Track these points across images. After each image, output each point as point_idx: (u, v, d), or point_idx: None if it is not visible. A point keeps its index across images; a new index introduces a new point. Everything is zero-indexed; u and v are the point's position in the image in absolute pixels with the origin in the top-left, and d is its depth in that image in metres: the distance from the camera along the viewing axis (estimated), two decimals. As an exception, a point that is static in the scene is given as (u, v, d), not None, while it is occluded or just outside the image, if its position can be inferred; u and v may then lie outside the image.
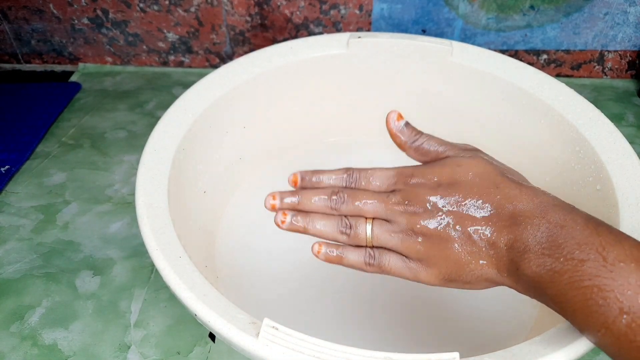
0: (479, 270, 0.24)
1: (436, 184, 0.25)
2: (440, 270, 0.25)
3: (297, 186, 0.29)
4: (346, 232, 0.27)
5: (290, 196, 0.28)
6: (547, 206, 0.23)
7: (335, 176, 0.28)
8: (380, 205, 0.26)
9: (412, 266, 0.26)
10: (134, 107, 0.58)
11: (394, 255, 0.26)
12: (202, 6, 0.58)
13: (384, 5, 0.56)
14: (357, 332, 0.35)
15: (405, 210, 0.26)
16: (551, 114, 0.37)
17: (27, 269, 0.41)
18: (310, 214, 0.27)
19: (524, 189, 0.24)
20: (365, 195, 0.27)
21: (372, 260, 0.26)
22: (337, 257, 0.27)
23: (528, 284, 0.23)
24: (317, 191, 0.28)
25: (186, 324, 0.37)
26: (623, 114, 0.55)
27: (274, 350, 0.22)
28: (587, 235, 0.21)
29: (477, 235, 0.24)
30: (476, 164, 0.25)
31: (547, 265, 0.21)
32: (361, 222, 0.27)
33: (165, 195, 0.31)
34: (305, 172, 0.29)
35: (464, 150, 0.27)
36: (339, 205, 0.27)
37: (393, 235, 0.26)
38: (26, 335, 0.36)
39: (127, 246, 0.42)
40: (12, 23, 0.61)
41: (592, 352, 0.35)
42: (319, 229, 0.27)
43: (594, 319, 0.20)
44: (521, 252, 0.23)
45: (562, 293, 0.21)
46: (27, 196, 0.47)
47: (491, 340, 0.34)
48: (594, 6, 0.55)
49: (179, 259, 0.27)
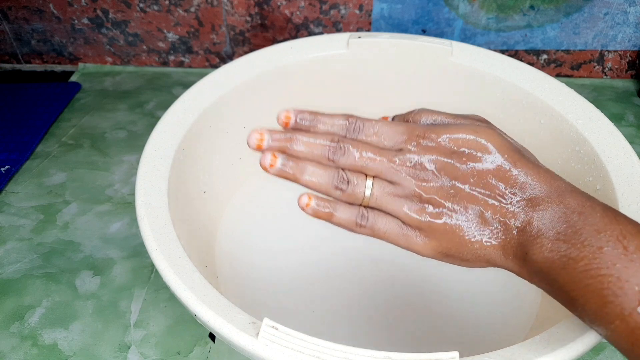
0: (481, 250, 0.23)
1: (449, 151, 0.23)
2: (440, 243, 0.23)
3: (288, 127, 0.25)
4: (342, 187, 0.24)
5: (281, 135, 0.24)
6: (565, 191, 0.22)
7: (334, 121, 0.24)
8: (387, 165, 0.23)
9: (409, 234, 0.24)
10: (134, 107, 0.58)
11: (390, 219, 0.24)
12: (202, 6, 0.58)
13: (384, 5, 0.56)
14: (357, 332, 0.35)
15: (413, 174, 0.23)
16: (551, 113, 0.37)
17: (27, 269, 0.41)
18: (303, 161, 0.24)
19: (542, 172, 0.23)
20: (370, 150, 0.24)
21: (364, 221, 0.24)
22: (326, 214, 0.24)
23: (535, 270, 0.22)
24: (313, 135, 0.24)
25: (186, 324, 0.37)
26: (623, 114, 0.55)
27: (273, 350, 0.22)
28: (607, 222, 0.20)
29: (489, 214, 0.22)
30: (493, 138, 0.23)
31: (562, 251, 0.21)
32: (361, 178, 0.24)
33: (165, 195, 0.31)
34: (301, 111, 0.25)
35: (477, 120, 0.25)
36: (338, 157, 0.24)
37: (395, 199, 0.24)
38: (26, 336, 0.36)
39: (127, 246, 0.42)
40: (12, 23, 0.61)
41: (592, 352, 0.35)
42: (311, 180, 0.24)
43: (608, 309, 0.19)
44: (533, 237, 0.21)
45: (576, 281, 0.20)
46: (27, 196, 0.47)
47: (491, 339, 0.34)
48: (594, 6, 0.54)
49: (179, 259, 0.27)
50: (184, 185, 0.35)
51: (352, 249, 0.40)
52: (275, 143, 0.24)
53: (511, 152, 0.23)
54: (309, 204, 0.24)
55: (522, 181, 0.22)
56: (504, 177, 0.23)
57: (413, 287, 0.37)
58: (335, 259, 0.39)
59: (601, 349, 0.35)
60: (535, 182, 0.22)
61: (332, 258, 0.39)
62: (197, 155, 0.37)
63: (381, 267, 0.39)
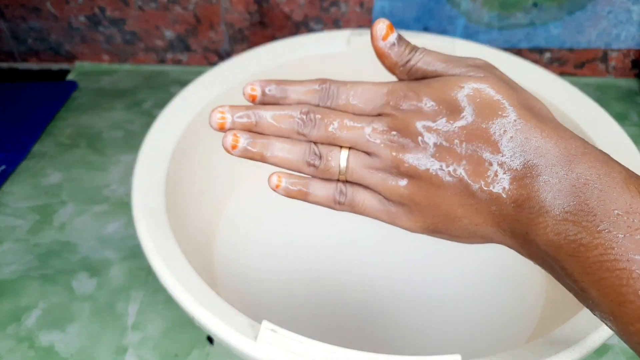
0: (472, 227, 0.20)
1: (434, 112, 0.20)
2: (425, 219, 0.21)
3: (255, 101, 0.22)
4: (314, 163, 0.21)
5: (245, 111, 0.22)
6: (575, 155, 0.18)
7: (305, 88, 0.22)
8: (361, 133, 0.21)
9: (391, 210, 0.21)
10: (131, 106, 0.57)
11: (369, 194, 0.22)
12: (200, 4, 0.57)
13: (385, 3, 0.56)
14: (357, 334, 0.35)
15: (391, 142, 0.20)
16: (555, 112, 0.36)
17: (23, 270, 0.40)
18: (270, 138, 0.22)
19: (547, 129, 0.18)
20: (344, 118, 0.21)
21: (342, 198, 0.22)
22: (299, 192, 0.22)
23: (538, 252, 0.18)
24: (280, 107, 0.22)
25: (184, 327, 0.36)
26: (627, 113, 0.55)
27: (272, 353, 0.22)
28: (629, 200, 0.16)
29: (477, 185, 0.19)
30: (488, 87, 0.19)
31: (571, 234, 0.17)
32: (334, 151, 0.21)
33: (163, 196, 0.30)
34: (268, 81, 0.22)
35: (474, 67, 0.20)
36: (309, 130, 0.21)
37: (372, 172, 0.21)
38: (23, 337, 0.36)
39: (124, 247, 0.42)
40: (8, 21, 0.61)
41: (595, 354, 0.34)
42: (280, 156, 0.22)
43: (628, 309, 0.16)
44: (535, 214, 0.18)
45: (588, 272, 0.17)
46: (23, 196, 0.47)
47: (493, 342, 0.34)
48: (597, 4, 0.54)
49: (177, 261, 0.27)
50: (182, 185, 0.34)
51: (353, 250, 0.39)
52: (238, 120, 0.22)
53: (509, 107, 0.19)
54: (279, 185, 0.22)
55: (520, 142, 0.18)
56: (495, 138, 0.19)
57: (415, 289, 0.37)
58: (335, 260, 0.39)
59: (605, 351, 0.35)
60: (537, 144, 0.18)
61: (332, 259, 0.39)
62: (195, 155, 0.37)
63: (382, 269, 0.38)
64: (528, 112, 0.19)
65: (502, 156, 0.19)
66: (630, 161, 0.31)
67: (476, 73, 0.20)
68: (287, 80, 0.23)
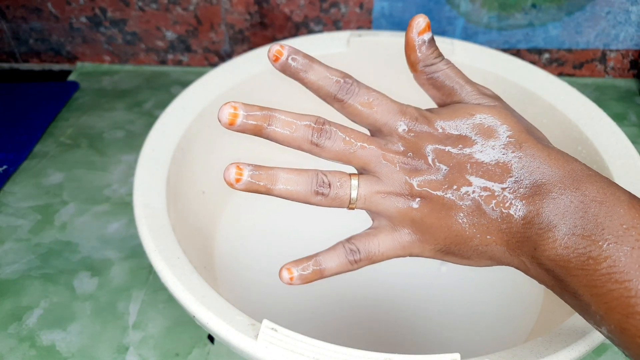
0: (483, 247, 0.20)
1: (444, 136, 0.20)
2: (438, 241, 0.21)
3: (278, 62, 0.21)
4: (323, 192, 0.21)
5: (259, 112, 0.21)
6: (581, 176, 0.19)
7: (328, 74, 0.21)
8: (376, 152, 0.21)
9: (405, 240, 0.21)
10: (132, 107, 0.57)
11: (379, 235, 0.21)
12: (201, 4, 0.58)
13: (385, 4, 0.56)
14: (357, 333, 0.35)
15: (404, 163, 0.20)
16: (553, 113, 0.37)
17: (24, 270, 0.40)
18: (274, 169, 0.21)
19: (553, 153, 0.20)
20: (359, 134, 0.21)
21: (355, 255, 0.21)
22: (315, 273, 0.22)
23: (546, 268, 0.19)
24: (295, 114, 0.21)
25: (185, 326, 0.36)
26: (625, 114, 0.55)
27: (273, 352, 0.22)
28: (635, 216, 0.17)
29: (489, 205, 0.20)
30: (495, 115, 0.20)
31: (580, 247, 0.18)
32: (344, 178, 0.21)
33: (164, 196, 0.30)
34: (297, 50, 0.21)
35: (482, 95, 0.22)
36: (324, 140, 0.21)
37: (384, 196, 0.21)
38: (24, 337, 0.36)
39: (125, 247, 0.42)
40: (10, 22, 0.61)
41: (593, 353, 0.34)
42: (286, 188, 0.21)
43: (636, 321, 0.16)
44: (543, 230, 0.18)
45: (596, 285, 0.17)
46: (24, 196, 0.47)
47: (492, 341, 0.34)
48: (596, 5, 0.54)
49: (178, 260, 0.27)
50: (183, 185, 0.35)
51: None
52: (250, 120, 0.20)
53: (516, 133, 0.20)
54: (293, 276, 0.22)
55: (529, 164, 0.19)
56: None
57: (415, 288, 0.37)
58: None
59: (603, 350, 0.35)
60: (544, 165, 0.19)
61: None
62: (196, 155, 0.37)
63: (382, 269, 0.38)
64: (533, 137, 0.20)
65: (512, 177, 0.20)
66: (628, 162, 0.31)
67: (487, 102, 0.21)
68: (315, 59, 0.22)
